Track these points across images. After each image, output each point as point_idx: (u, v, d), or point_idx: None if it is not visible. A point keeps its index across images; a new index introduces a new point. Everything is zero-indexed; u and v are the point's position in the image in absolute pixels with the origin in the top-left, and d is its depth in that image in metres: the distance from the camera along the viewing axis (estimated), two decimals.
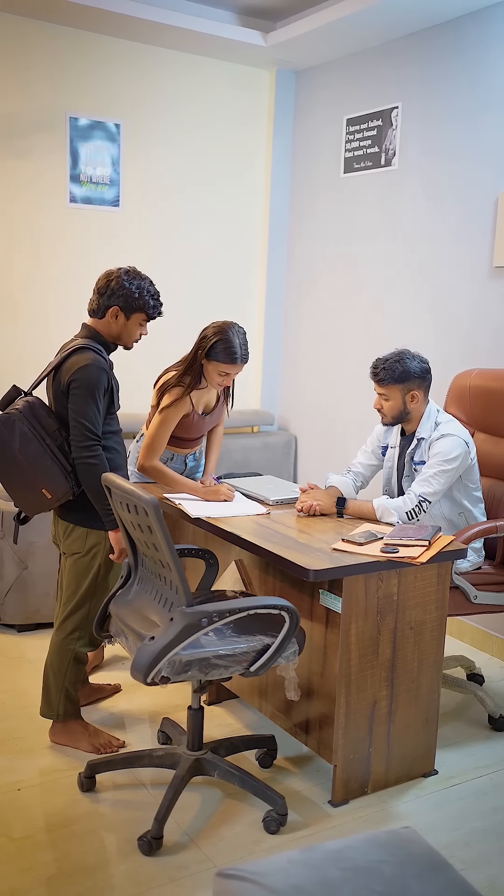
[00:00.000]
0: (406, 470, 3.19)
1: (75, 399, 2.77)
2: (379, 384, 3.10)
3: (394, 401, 3.10)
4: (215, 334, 3.17)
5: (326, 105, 4.75)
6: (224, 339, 3.15)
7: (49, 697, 2.96)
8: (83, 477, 2.79)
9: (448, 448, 3.01)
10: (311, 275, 4.96)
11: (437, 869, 1.60)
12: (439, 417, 3.14)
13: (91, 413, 2.77)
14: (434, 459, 3.02)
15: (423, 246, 4.19)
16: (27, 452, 2.78)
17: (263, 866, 1.59)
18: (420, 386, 3.09)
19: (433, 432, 3.08)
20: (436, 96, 4.07)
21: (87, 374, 2.77)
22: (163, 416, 3.24)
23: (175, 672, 2.32)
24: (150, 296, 2.90)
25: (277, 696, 2.91)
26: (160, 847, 2.43)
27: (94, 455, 2.77)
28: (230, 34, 4.41)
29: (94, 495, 2.79)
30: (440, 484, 2.98)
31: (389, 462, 3.27)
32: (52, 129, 4.38)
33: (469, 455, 3.07)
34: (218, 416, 3.51)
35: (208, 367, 3.22)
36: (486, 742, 3.11)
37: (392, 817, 2.63)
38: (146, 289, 2.89)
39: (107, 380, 2.82)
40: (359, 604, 2.59)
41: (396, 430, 3.26)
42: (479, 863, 2.42)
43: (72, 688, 2.94)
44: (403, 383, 3.06)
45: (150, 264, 4.71)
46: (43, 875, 2.32)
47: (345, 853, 1.62)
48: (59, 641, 2.94)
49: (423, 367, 3.11)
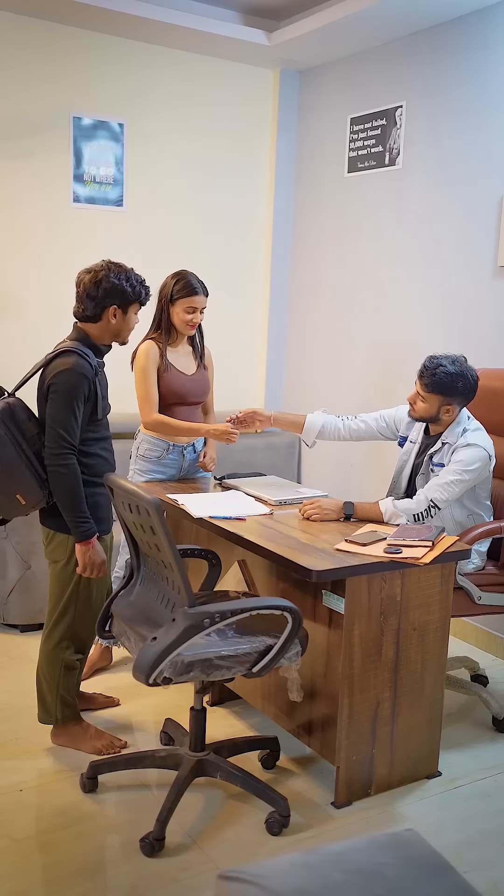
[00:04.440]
0: (423, 468, 3.16)
1: (52, 404, 2.70)
2: (422, 386, 3.04)
3: (429, 405, 3.05)
4: (172, 278, 3.42)
5: (330, 104, 4.75)
6: (181, 278, 3.40)
7: (45, 704, 2.94)
8: (53, 485, 2.71)
9: (470, 458, 2.97)
10: (315, 274, 4.95)
11: (440, 871, 1.60)
12: (469, 424, 3.08)
13: (67, 420, 2.69)
14: (454, 466, 2.97)
15: (427, 245, 4.18)
16: (2, 457, 2.70)
17: (265, 868, 1.58)
18: (460, 403, 3.05)
19: (460, 438, 3.04)
20: (440, 95, 4.05)
21: (66, 379, 2.69)
22: (138, 368, 3.40)
23: (177, 673, 2.31)
24: (139, 284, 2.86)
25: (280, 697, 2.90)
26: (162, 848, 2.43)
27: (66, 464, 2.69)
28: (234, 33, 4.41)
29: (64, 505, 2.71)
30: (453, 493, 2.95)
31: (405, 455, 3.24)
32: (56, 129, 4.38)
33: (488, 467, 3.04)
34: (203, 383, 3.55)
35: (175, 311, 3.41)
36: (491, 744, 3.09)
37: (395, 819, 2.62)
38: (134, 278, 2.85)
39: (88, 386, 2.73)
40: (362, 604, 2.58)
41: (420, 426, 3.22)
42: (482, 865, 2.41)
43: (67, 693, 2.91)
44: (444, 396, 3.02)
45: (154, 263, 4.69)
46: (45, 876, 2.32)
47: (347, 855, 1.61)
48: (47, 651, 2.91)
49: (471, 385, 3.02)
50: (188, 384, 3.47)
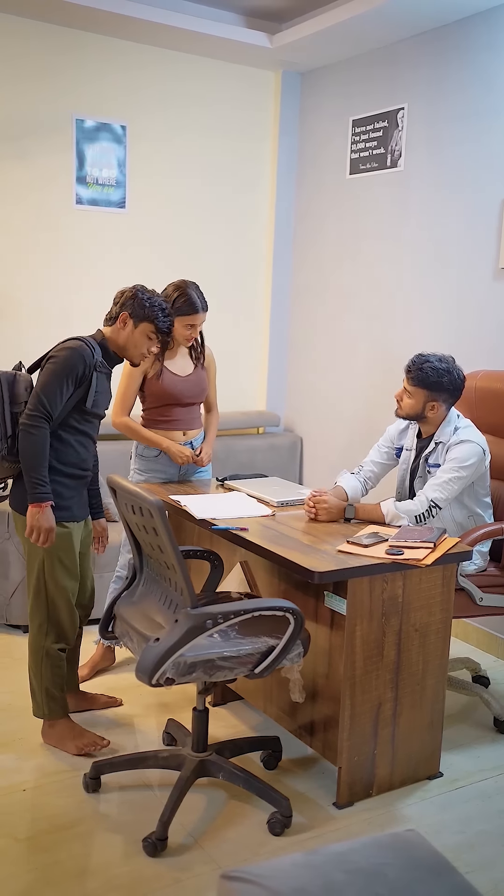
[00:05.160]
0: (420, 471, 3.18)
1: (44, 373, 2.81)
2: (408, 380, 3.11)
3: (415, 401, 3.10)
4: (174, 290, 3.40)
5: (332, 106, 4.75)
6: (181, 294, 3.39)
7: (35, 697, 2.98)
8: (21, 442, 2.78)
9: (465, 454, 3.00)
10: (317, 275, 4.96)
11: (441, 872, 1.60)
12: (459, 422, 3.12)
13: (52, 391, 2.77)
14: (449, 464, 3.01)
15: (429, 247, 4.19)
16: None
17: (267, 868, 1.59)
18: (445, 400, 3.09)
19: (452, 437, 3.07)
20: (442, 97, 4.06)
21: (65, 355, 2.80)
22: (124, 370, 3.44)
23: (180, 673, 2.32)
24: (159, 308, 2.93)
25: (282, 697, 2.91)
26: (164, 848, 2.44)
27: (36, 427, 2.75)
28: (236, 36, 4.41)
29: (25, 465, 2.78)
30: (452, 490, 2.97)
31: (404, 464, 3.26)
32: (59, 131, 4.39)
33: (483, 462, 3.06)
34: (199, 383, 3.56)
35: (175, 325, 3.37)
36: (492, 744, 3.10)
37: (396, 820, 2.63)
38: (157, 303, 2.94)
39: (84, 370, 2.81)
40: (363, 606, 2.58)
41: (412, 433, 3.25)
42: (483, 866, 2.42)
43: (52, 686, 2.94)
44: (430, 391, 3.06)
45: (156, 265, 4.72)
46: (48, 876, 2.33)
47: (349, 856, 1.62)
48: (30, 640, 2.97)
49: (457, 383, 3.08)
50: (181, 385, 3.50)
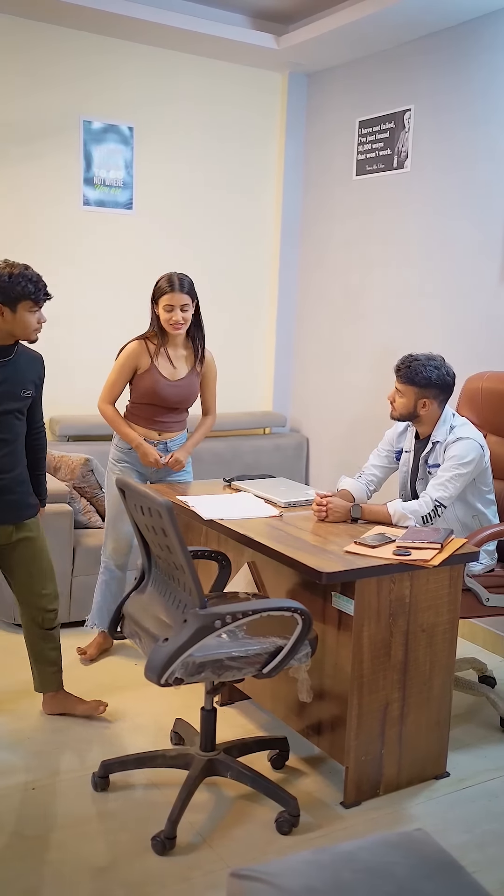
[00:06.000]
0: (420, 473, 3.20)
1: None
2: (398, 379, 3.13)
3: (406, 400, 3.13)
4: (157, 279, 3.44)
5: (339, 107, 4.76)
6: (163, 276, 3.43)
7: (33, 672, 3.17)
8: None
9: (463, 451, 3.02)
10: (323, 277, 4.97)
11: (448, 871, 1.61)
12: (454, 421, 3.15)
13: None
14: (449, 463, 3.03)
15: (435, 248, 4.19)
16: None
17: (276, 867, 1.60)
18: (436, 396, 3.11)
19: (448, 435, 3.10)
20: (449, 99, 4.07)
21: None
22: (116, 361, 3.51)
23: (188, 673, 2.34)
24: (27, 280, 2.71)
25: (290, 697, 2.92)
26: (173, 847, 2.45)
27: None
28: (243, 37, 4.43)
29: None
30: (455, 488, 2.99)
31: (405, 466, 3.28)
32: (66, 133, 4.40)
33: (483, 458, 3.08)
34: (188, 389, 3.55)
35: (158, 311, 3.42)
36: (499, 744, 3.11)
37: (404, 819, 2.64)
38: (17, 273, 2.71)
39: None
40: (371, 606, 2.59)
41: (410, 435, 3.26)
42: (491, 865, 2.43)
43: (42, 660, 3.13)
44: (420, 388, 3.09)
45: (163, 266, 4.72)
46: (56, 874, 2.34)
47: (357, 854, 1.63)
48: None
49: (446, 379, 3.12)
50: (168, 390, 3.49)
